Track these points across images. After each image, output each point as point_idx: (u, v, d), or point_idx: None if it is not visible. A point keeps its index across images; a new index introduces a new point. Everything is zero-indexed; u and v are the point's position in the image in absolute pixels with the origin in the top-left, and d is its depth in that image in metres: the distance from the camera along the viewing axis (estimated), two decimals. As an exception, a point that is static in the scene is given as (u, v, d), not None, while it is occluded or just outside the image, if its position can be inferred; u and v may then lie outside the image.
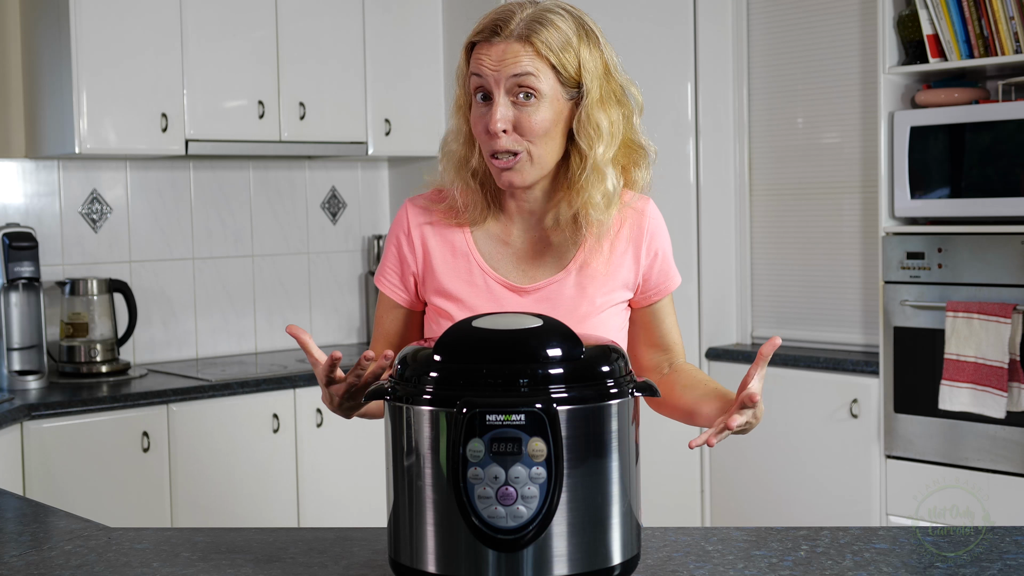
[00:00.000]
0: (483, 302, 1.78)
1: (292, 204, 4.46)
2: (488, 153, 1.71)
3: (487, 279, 1.79)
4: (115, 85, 3.68)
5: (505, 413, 1.30)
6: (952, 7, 3.53)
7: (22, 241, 3.60)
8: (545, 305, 1.77)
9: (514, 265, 1.80)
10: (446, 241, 1.81)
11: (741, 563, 1.53)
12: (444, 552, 1.35)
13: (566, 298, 1.78)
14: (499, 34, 1.69)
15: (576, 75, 1.71)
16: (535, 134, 1.69)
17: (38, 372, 3.62)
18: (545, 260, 1.80)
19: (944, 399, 3.49)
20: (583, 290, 1.79)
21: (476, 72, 1.70)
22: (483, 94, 1.71)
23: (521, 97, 1.68)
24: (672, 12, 4.18)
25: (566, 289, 1.78)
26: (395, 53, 4.29)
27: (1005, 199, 3.45)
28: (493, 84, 1.68)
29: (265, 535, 1.73)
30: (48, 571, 1.57)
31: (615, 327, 1.83)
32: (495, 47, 1.68)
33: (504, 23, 1.69)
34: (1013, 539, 1.63)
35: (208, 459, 3.61)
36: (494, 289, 1.78)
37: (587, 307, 1.78)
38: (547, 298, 1.78)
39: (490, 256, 1.80)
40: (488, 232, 1.82)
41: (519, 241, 1.81)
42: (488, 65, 1.68)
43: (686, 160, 4.21)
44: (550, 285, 1.78)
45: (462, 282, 1.79)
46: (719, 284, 4.30)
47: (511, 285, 1.78)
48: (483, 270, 1.79)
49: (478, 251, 1.80)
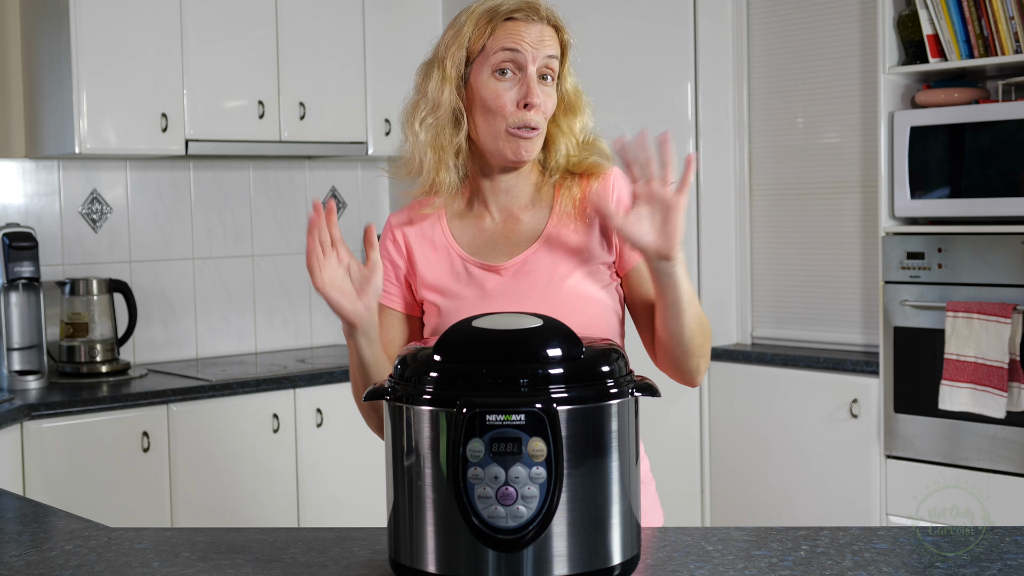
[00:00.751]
0: (464, 287, 1.82)
1: (292, 204, 4.46)
2: (514, 124, 1.76)
3: (466, 264, 1.83)
4: (115, 85, 3.68)
5: (505, 413, 1.30)
6: (952, 7, 3.53)
7: (22, 241, 3.60)
8: (522, 278, 1.80)
9: (491, 246, 1.84)
10: (426, 239, 1.86)
11: (741, 563, 1.53)
12: (444, 552, 1.35)
13: (542, 267, 1.81)
14: (538, 15, 1.78)
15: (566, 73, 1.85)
16: (549, 114, 1.80)
17: (38, 372, 3.62)
18: (519, 235, 1.84)
19: (944, 399, 3.49)
20: (555, 258, 1.81)
21: (513, 47, 1.76)
22: (510, 68, 1.76)
23: (544, 79, 1.78)
24: (672, 12, 4.18)
25: (540, 259, 1.81)
26: (395, 53, 4.29)
27: (1005, 199, 3.45)
28: (530, 61, 1.76)
29: (265, 535, 1.73)
30: (48, 571, 1.57)
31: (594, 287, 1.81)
32: (534, 26, 1.77)
33: (537, 7, 1.79)
34: (1013, 539, 1.63)
35: (208, 459, 3.61)
36: (473, 273, 1.82)
37: (565, 268, 1.80)
38: (523, 271, 1.81)
39: (468, 243, 1.85)
40: (464, 221, 1.87)
41: (492, 224, 1.85)
42: (529, 42, 1.76)
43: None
44: (526, 258, 1.81)
45: (444, 273, 1.83)
46: (719, 284, 4.29)
47: (487, 265, 1.82)
48: (462, 257, 1.83)
49: (455, 241, 1.85)
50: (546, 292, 1.79)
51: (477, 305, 1.78)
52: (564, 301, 1.77)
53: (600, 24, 4.11)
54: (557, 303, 1.76)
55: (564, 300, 1.78)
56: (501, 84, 1.77)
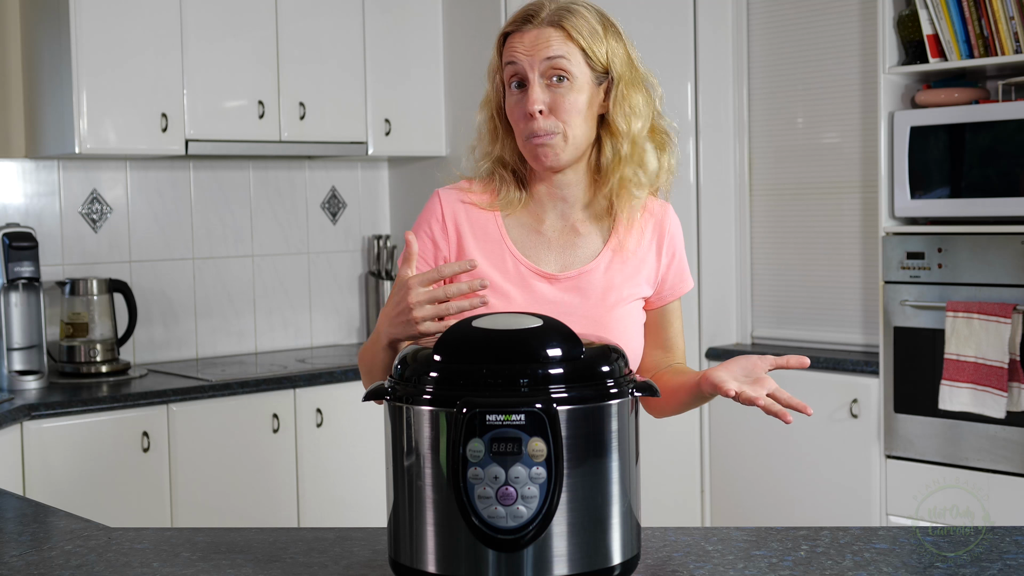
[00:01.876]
0: (514, 287, 1.80)
1: (292, 204, 4.46)
2: (526, 136, 1.77)
3: (519, 265, 1.81)
4: (115, 85, 3.68)
5: (505, 413, 1.30)
6: (952, 7, 3.53)
7: (22, 241, 3.60)
8: (575, 294, 1.80)
9: (545, 253, 1.83)
10: (478, 225, 1.84)
11: (741, 563, 1.53)
12: (444, 552, 1.35)
13: (595, 287, 1.81)
14: (531, 22, 1.77)
15: (604, 61, 1.79)
16: (569, 114, 1.76)
17: (38, 372, 3.62)
18: (576, 249, 1.84)
19: (944, 399, 3.49)
20: (611, 280, 1.82)
21: (511, 60, 1.78)
22: (518, 82, 1.78)
23: (555, 80, 1.76)
24: (672, 12, 4.18)
25: (595, 278, 1.82)
26: (395, 53, 4.29)
27: (1005, 199, 3.45)
28: (528, 68, 1.76)
29: (265, 535, 1.73)
30: (48, 571, 1.57)
31: (638, 319, 1.87)
32: (527, 34, 1.77)
33: (535, 12, 1.78)
34: (1013, 539, 1.63)
35: (208, 459, 3.61)
36: (525, 276, 1.81)
37: (615, 296, 1.82)
38: (577, 287, 1.81)
39: (522, 243, 1.83)
40: (520, 220, 1.85)
41: (551, 230, 1.85)
42: (522, 51, 1.76)
43: (686, 160, 4.21)
44: (581, 275, 1.81)
45: (493, 267, 1.81)
46: (719, 284, 4.29)
47: (542, 272, 1.81)
48: (515, 256, 1.82)
49: (510, 238, 1.83)
50: (594, 313, 1.80)
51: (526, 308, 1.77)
52: (609, 326, 1.79)
53: (600, 24, 4.11)
54: (602, 327, 1.78)
55: (609, 324, 1.79)
56: (512, 98, 1.79)
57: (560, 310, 1.77)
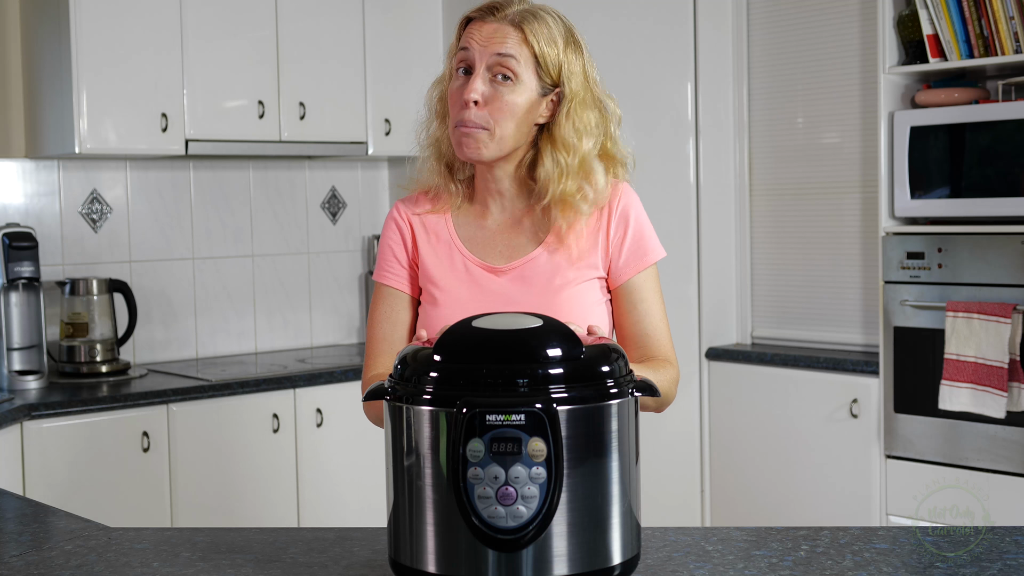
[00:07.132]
0: (462, 284, 1.84)
1: (292, 204, 4.46)
2: (455, 122, 1.80)
3: (466, 262, 1.85)
4: (115, 85, 3.68)
5: (505, 413, 1.30)
6: (952, 7, 3.53)
7: (22, 241, 3.60)
8: (520, 283, 1.83)
9: (491, 246, 1.87)
10: (431, 230, 1.89)
11: (741, 563, 1.53)
12: (444, 552, 1.34)
13: (540, 274, 1.83)
14: (494, 15, 1.79)
15: (555, 73, 1.80)
16: (503, 113, 1.77)
17: (38, 372, 3.62)
18: (520, 239, 1.87)
19: (944, 399, 3.49)
20: (556, 265, 1.84)
21: (465, 45, 1.80)
22: (465, 68, 1.80)
23: (499, 78, 1.77)
24: (672, 12, 4.18)
25: (540, 265, 1.84)
26: (395, 53, 4.29)
27: (1005, 199, 3.45)
28: (477, 58, 1.78)
29: (265, 535, 1.73)
30: (48, 571, 1.57)
31: (590, 301, 1.85)
32: (487, 25, 1.79)
33: (501, 7, 1.80)
34: (1013, 539, 1.63)
35: (208, 459, 3.61)
36: (472, 271, 1.85)
37: (560, 280, 1.83)
38: (522, 276, 1.84)
39: (470, 239, 1.87)
40: (467, 217, 1.90)
41: (495, 223, 1.88)
42: (477, 40, 1.78)
43: (686, 160, 4.21)
44: (525, 263, 1.84)
45: (444, 267, 1.86)
46: (719, 284, 4.29)
47: (488, 266, 1.85)
48: (462, 254, 1.86)
49: (458, 236, 1.88)
50: (543, 299, 1.81)
51: (473, 303, 1.80)
52: (560, 309, 1.78)
53: (600, 24, 4.11)
54: (554, 310, 1.77)
55: (560, 308, 1.79)
56: (456, 83, 1.81)
57: (511, 301, 1.80)
